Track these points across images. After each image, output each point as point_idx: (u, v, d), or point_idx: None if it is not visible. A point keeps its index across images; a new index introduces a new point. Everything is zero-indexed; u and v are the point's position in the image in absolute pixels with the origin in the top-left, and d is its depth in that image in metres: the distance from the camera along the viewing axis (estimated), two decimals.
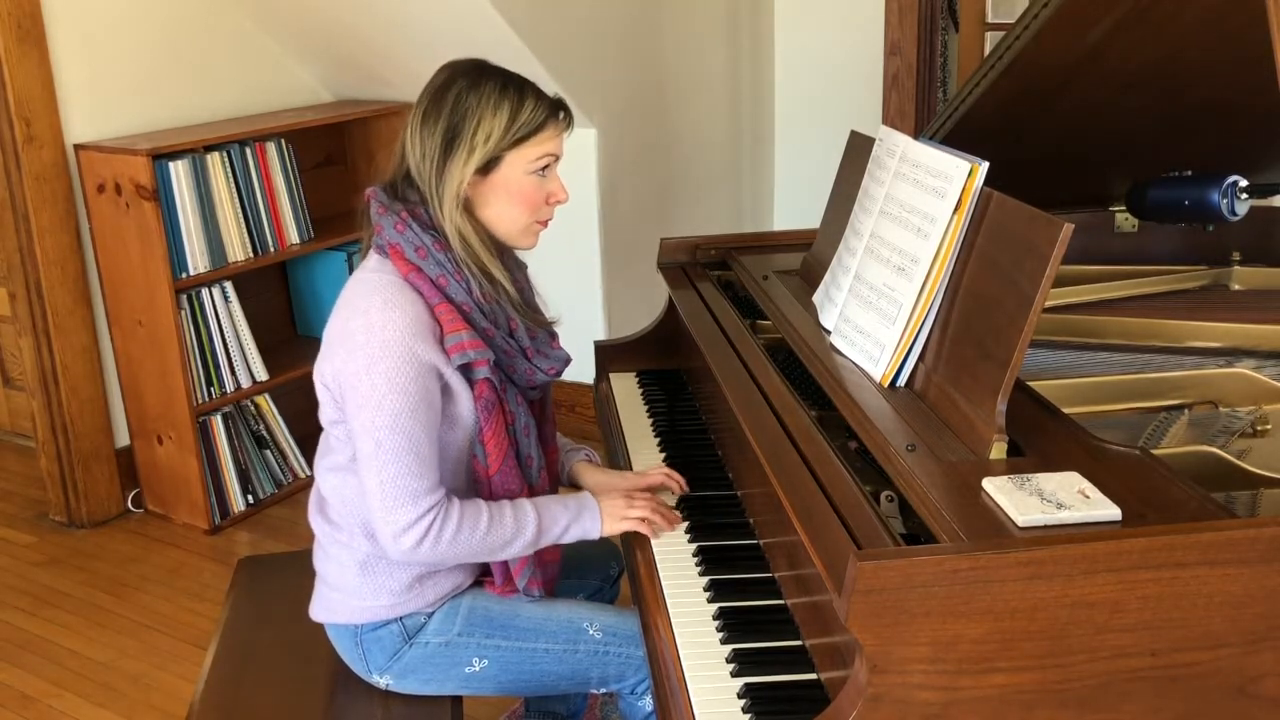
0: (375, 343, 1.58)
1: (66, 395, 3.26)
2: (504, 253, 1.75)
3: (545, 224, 1.75)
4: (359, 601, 1.74)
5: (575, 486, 1.93)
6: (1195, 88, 1.90)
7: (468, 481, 1.74)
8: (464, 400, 1.67)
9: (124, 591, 3.03)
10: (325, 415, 1.73)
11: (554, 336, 1.82)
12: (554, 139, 1.69)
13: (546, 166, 1.70)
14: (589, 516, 1.73)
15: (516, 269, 1.80)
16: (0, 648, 2.78)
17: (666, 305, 2.37)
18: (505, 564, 1.75)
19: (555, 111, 1.69)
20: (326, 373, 1.66)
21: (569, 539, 1.73)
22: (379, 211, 1.69)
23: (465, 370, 1.66)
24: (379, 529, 1.63)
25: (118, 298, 3.25)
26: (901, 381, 1.58)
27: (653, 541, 1.73)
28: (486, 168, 1.66)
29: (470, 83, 1.65)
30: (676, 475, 1.86)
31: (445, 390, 1.65)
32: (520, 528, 1.68)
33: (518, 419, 1.74)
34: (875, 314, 1.64)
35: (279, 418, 3.49)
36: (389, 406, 1.58)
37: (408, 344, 1.59)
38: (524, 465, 1.76)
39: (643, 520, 1.74)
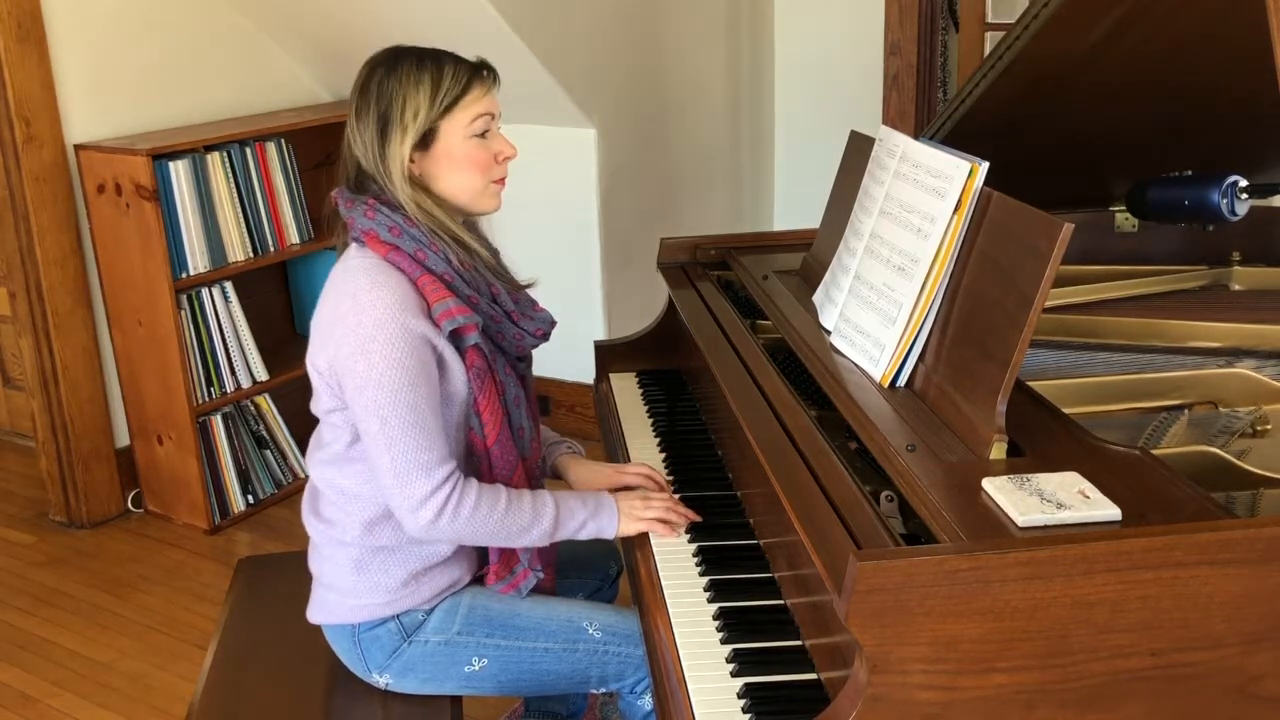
0: (367, 322, 1.60)
1: (66, 395, 3.26)
2: (475, 230, 1.76)
3: (501, 182, 1.77)
4: (355, 600, 1.74)
5: (557, 478, 1.95)
6: (1195, 88, 1.90)
7: (465, 459, 1.74)
8: (457, 373, 1.68)
9: (124, 591, 3.03)
10: (320, 405, 1.73)
11: (533, 301, 1.84)
12: (482, 99, 1.70)
13: (486, 129, 1.71)
14: (606, 515, 1.74)
15: (482, 239, 1.81)
16: (0, 648, 2.78)
17: (666, 305, 2.37)
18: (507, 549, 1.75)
19: (478, 71, 1.71)
20: (320, 361, 1.68)
21: (585, 535, 1.74)
22: (346, 206, 1.71)
23: (455, 340, 1.67)
24: (397, 507, 1.64)
25: (118, 298, 3.25)
26: (901, 381, 1.58)
27: (653, 541, 1.73)
28: (425, 142, 1.68)
29: (388, 68, 1.69)
30: (658, 476, 1.87)
31: (440, 364, 1.66)
32: (538, 516, 1.69)
33: (508, 389, 1.75)
34: (875, 314, 1.64)
35: (279, 418, 3.49)
36: (389, 383, 1.59)
37: (399, 319, 1.60)
38: (516, 436, 1.77)
39: (660, 521, 1.74)
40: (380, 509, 1.71)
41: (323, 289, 1.72)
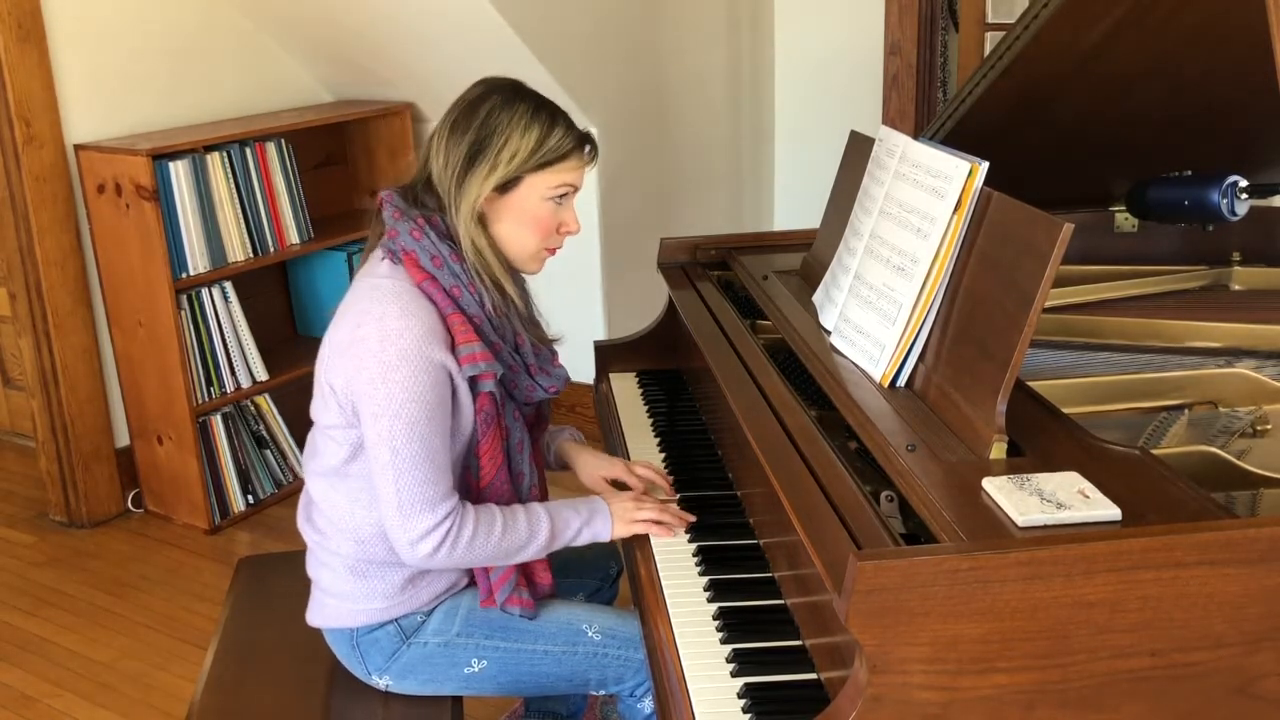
0: (391, 351, 1.58)
1: (66, 395, 3.26)
2: (516, 279, 1.75)
3: (553, 252, 1.76)
4: (353, 605, 1.74)
5: (564, 468, 1.96)
6: (1195, 88, 1.90)
7: (461, 490, 1.73)
8: (466, 413, 1.67)
9: (124, 591, 3.03)
10: (323, 416, 1.72)
11: (555, 355, 1.82)
12: (576, 170, 1.70)
13: (564, 195, 1.70)
14: (600, 520, 1.74)
15: (520, 287, 1.80)
16: (0, 648, 2.78)
17: (666, 305, 2.37)
18: (488, 576, 1.75)
19: (581, 144, 1.70)
20: (336, 379, 1.65)
21: (581, 542, 1.74)
22: (394, 216, 1.68)
23: (472, 383, 1.66)
24: (394, 536, 1.63)
25: (118, 298, 3.25)
26: (901, 381, 1.58)
27: (653, 541, 1.73)
28: (505, 186, 1.66)
29: (504, 100, 1.66)
30: (660, 479, 1.87)
31: (453, 397, 1.65)
32: (534, 531, 1.69)
33: (512, 434, 1.74)
34: (875, 314, 1.64)
35: (279, 418, 3.49)
36: (406, 415, 1.58)
37: (424, 351, 1.59)
38: (515, 481, 1.76)
39: (653, 523, 1.74)
40: (373, 528, 1.70)
41: (345, 297, 1.69)
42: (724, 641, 1.48)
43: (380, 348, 1.58)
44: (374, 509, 1.69)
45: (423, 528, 1.61)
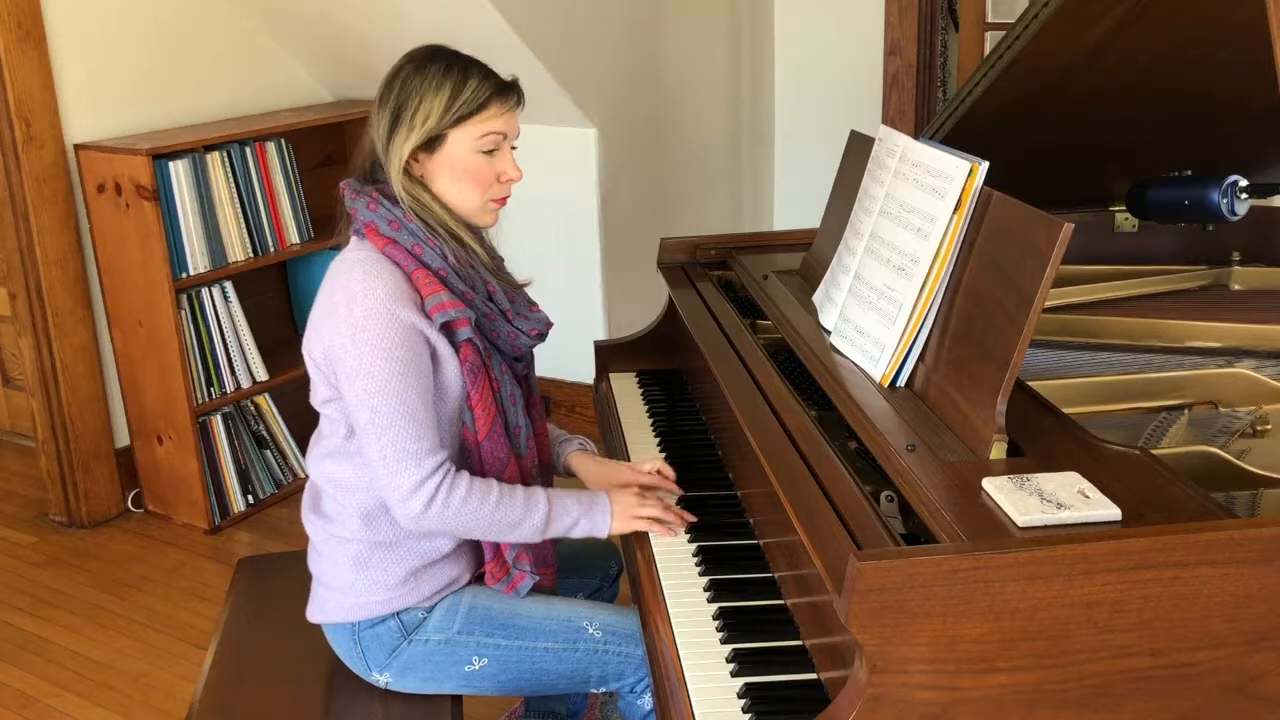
0: (358, 312, 1.61)
1: (66, 395, 3.26)
2: (475, 231, 1.77)
3: (502, 202, 1.77)
4: (355, 598, 1.74)
5: (570, 476, 1.95)
6: (1195, 88, 1.90)
7: (458, 453, 1.75)
8: (451, 367, 1.69)
9: (124, 591, 3.03)
10: (317, 396, 1.75)
11: (531, 302, 1.84)
12: (499, 118, 1.71)
13: (494, 148, 1.71)
14: (600, 513, 1.74)
15: (483, 243, 1.81)
16: (0, 648, 2.78)
17: (666, 305, 2.37)
18: (499, 546, 1.76)
19: (501, 91, 1.71)
20: (315, 350, 1.69)
21: (578, 533, 1.74)
22: (351, 197, 1.74)
23: (448, 334, 1.68)
24: (388, 496, 1.65)
25: (118, 298, 3.25)
26: (901, 381, 1.58)
27: (653, 541, 1.73)
28: (431, 145, 1.69)
29: (417, 66, 1.70)
30: (669, 471, 1.86)
31: (433, 358, 1.67)
32: (530, 510, 1.69)
33: (503, 386, 1.76)
34: (875, 314, 1.64)
35: (279, 418, 3.49)
36: (378, 372, 1.60)
37: (389, 309, 1.62)
38: (511, 434, 1.77)
39: (654, 520, 1.74)
40: (378, 501, 1.72)
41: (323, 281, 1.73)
42: (724, 641, 1.48)
43: (348, 311, 1.63)
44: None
45: (411, 482, 1.62)
